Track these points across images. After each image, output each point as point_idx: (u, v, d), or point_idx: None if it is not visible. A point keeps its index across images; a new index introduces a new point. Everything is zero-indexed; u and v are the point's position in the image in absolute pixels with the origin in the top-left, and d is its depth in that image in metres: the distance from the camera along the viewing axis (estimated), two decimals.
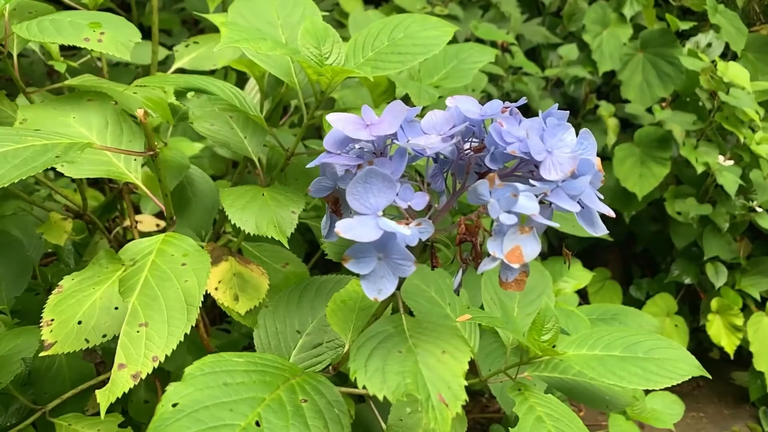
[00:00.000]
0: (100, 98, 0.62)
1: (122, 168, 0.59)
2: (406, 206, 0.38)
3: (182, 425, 0.37)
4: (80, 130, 0.59)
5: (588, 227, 0.42)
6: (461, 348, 0.41)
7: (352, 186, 0.37)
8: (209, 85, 0.62)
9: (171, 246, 0.54)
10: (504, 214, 0.37)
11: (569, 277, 1.10)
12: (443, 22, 0.67)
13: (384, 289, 0.38)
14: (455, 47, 0.93)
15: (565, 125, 0.41)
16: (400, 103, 0.42)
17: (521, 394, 0.74)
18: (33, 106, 0.61)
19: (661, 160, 1.37)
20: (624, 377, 0.70)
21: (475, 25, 1.29)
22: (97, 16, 0.60)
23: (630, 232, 1.57)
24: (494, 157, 0.42)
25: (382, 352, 0.40)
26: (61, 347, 0.56)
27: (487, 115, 0.43)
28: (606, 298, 1.52)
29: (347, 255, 0.37)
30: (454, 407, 0.38)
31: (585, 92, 1.52)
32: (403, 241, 0.37)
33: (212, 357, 0.42)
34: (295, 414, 0.41)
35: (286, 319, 0.63)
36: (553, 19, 1.63)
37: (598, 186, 0.44)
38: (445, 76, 0.89)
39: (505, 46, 1.36)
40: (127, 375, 0.48)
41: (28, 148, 0.46)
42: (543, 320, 0.75)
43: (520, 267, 0.40)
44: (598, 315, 1.08)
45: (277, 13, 0.67)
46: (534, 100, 1.38)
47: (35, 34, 0.58)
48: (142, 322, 0.49)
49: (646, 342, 0.75)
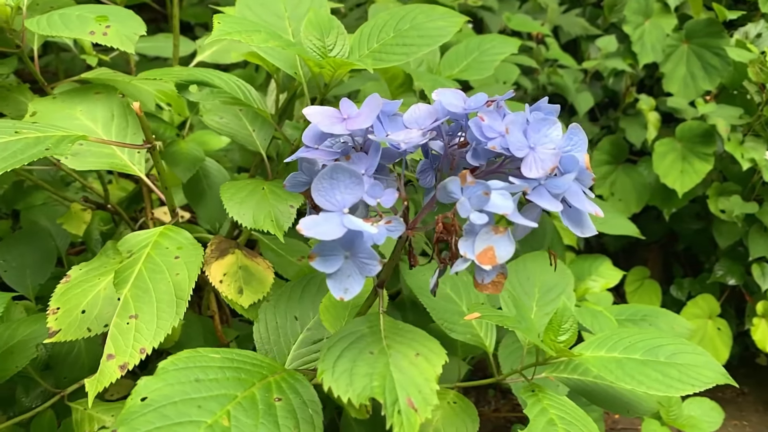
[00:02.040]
0: (108, 91, 0.63)
1: (126, 160, 0.60)
2: (374, 203, 0.37)
3: (147, 420, 0.37)
4: (86, 122, 0.60)
5: (574, 228, 0.40)
6: (436, 351, 0.40)
7: (318, 182, 0.36)
8: (214, 78, 0.62)
9: (167, 239, 0.55)
10: (475, 213, 0.36)
11: (598, 276, 1.07)
12: (452, 12, 0.65)
13: (350, 288, 0.36)
14: (477, 38, 0.90)
15: (551, 120, 0.39)
16: (377, 96, 0.41)
17: (534, 395, 0.72)
18: (43, 99, 0.62)
19: (703, 155, 1.31)
20: (643, 382, 0.67)
21: (508, 16, 1.26)
22: (105, 9, 0.61)
23: (671, 230, 1.51)
24: (476, 153, 0.41)
25: (353, 352, 0.39)
26: (65, 335, 0.58)
27: (471, 109, 0.41)
28: (644, 297, 1.47)
29: (313, 252, 0.36)
30: (424, 412, 0.37)
31: (626, 85, 1.47)
32: (371, 240, 0.36)
33: (188, 352, 0.42)
34: (266, 413, 0.40)
35: (287, 314, 0.62)
36: (594, 10, 1.58)
37: (588, 184, 0.42)
38: (465, 67, 0.87)
39: (540, 38, 1.32)
40: (115, 366, 0.48)
41: (20, 141, 0.47)
42: (560, 320, 0.73)
43: (496, 269, 0.38)
44: (628, 316, 1.05)
45: (284, 5, 0.67)
46: (570, 94, 1.33)
47: (44, 28, 0.59)
48: (132, 314, 0.50)
49: (669, 346, 0.72)
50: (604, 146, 1.43)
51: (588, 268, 1.06)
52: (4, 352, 0.68)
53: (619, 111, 1.47)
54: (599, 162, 1.42)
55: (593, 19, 1.58)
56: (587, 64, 1.37)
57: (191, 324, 0.89)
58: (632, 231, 1.03)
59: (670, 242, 1.56)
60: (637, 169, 1.43)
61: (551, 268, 0.90)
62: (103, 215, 1.01)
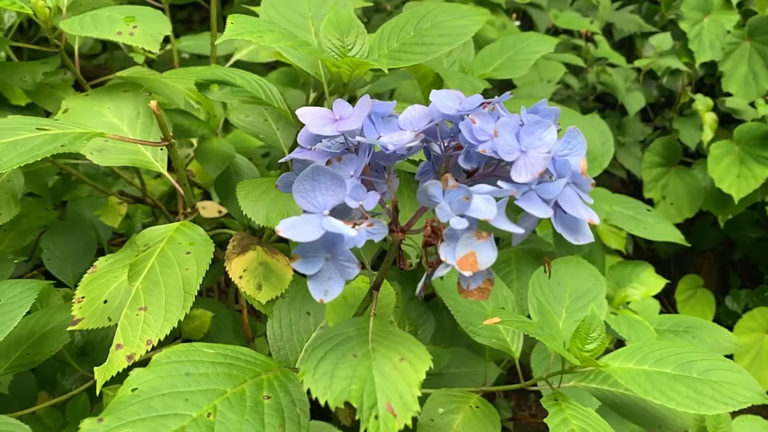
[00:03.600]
0: (135, 90, 0.65)
1: (149, 157, 0.62)
2: (357, 205, 0.37)
3: (134, 410, 0.38)
4: (112, 119, 0.62)
5: (568, 235, 0.39)
6: (421, 356, 0.39)
7: (299, 183, 0.36)
8: (236, 77, 0.63)
9: (181, 234, 0.56)
10: (456, 218, 0.35)
11: (639, 283, 1.03)
12: (475, 10, 0.64)
13: (330, 290, 0.36)
14: (513, 37, 0.89)
15: (546, 123, 0.38)
16: (367, 98, 0.40)
17: (557, 405, 0.70)
18: (75, 97, 0.65)
19: (763, 159, 1.24)
20: (673, 398, 0.65)
21: (555, 13, 1.23)
22: (134, 10, 0.63)
23: (728, 237, 1.44)
24: (469, 157, 0.40)
25: (336, 355, 0.39)
26: (87, 323, 0.60)
27: (465, 111, 0.40)
28: (696, 308, 1.41)
29: (295, 254, 0.36)
30: (403, 418, 0.36)
31: (682, 84, 1.41)
32: (351, 243, 0.36)
33: (183, 346, 0.43)
34: (253, 410, 0.40)
35: (301, 311, 0.63)
36: (652, 7, 1.52)
37: (587, 189, 0.40)
38: (499, 66, 0.86)
39: (589, 36, 1.28)
40: (122, 355, 0.50)
41: (40, 137, 0.49)
42: (588, 328, 0.71)
43: (482, 274, 0.37)
44: (670, 326, 1.01)
45: (308, 4, 0.67)
46: (619, 93, 1.29)
47: (76, 29, 0.62)
48: (142, 306, 0.51)
49: (704, 361, 0.69)
50: (656, 148, 1.38)
51: (629, 275, 1.03)
52: (39, 337, 0.71)
53: (673, 111, 1.41)
54: (650, 164, 1.37)
55: (650, 16, 1.52)
56: (639, 62, 1.32)
57: (222, 317, 0.91)
58: (676, 238, 0.99)
59: (726, 250, 1.49)
60: (691, 172, 1.37)
61: (585, 274, 0.88)
62: (145, 208, 1.05)
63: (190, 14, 1.73)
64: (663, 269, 1.56)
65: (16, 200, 0.73)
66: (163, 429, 0.37)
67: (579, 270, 0.87)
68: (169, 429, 0.37)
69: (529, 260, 1.05)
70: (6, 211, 0.71)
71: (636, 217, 1.01)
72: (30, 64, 0.75)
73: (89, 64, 1.56)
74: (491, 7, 1.29)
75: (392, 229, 0.40)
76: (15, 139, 0.48)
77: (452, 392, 0.78)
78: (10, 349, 0.71)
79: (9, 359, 0.71)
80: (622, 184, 1.59)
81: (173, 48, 1.03)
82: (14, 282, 0.67)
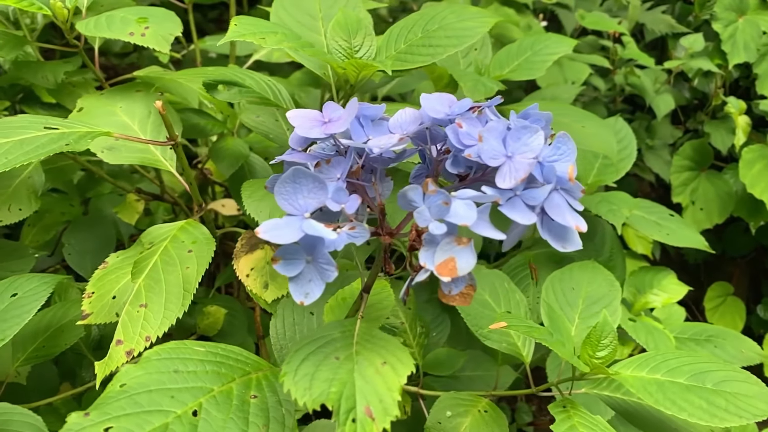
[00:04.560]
0: (148, 89, 0.66)
1: (158, 156, 0.63)
2: (338, 208, 0.37)
3: (119, 406, 0.39)
4: (124, 118, 0.63)
5: (554, 242, 0.38)
6: (404, 360, 0.39)
7: (281, 186, 0.36)
8: (245, 77, 0.64)
9: (185, 233, 0.57)
10: (434, 222, 0.35)
11: (660, 290, 1.00)
12: (483, 12, 0.63)
13: (311, 293, 0.37)
14: (531, 38, 0.87)
15: (533, 128, 0.37)
16: (355, 101, 0.40)
17: (565, 411, 0.69)
18: (91, 96, 0.66)
19: None
20: (685, 408, 0.63)
21: (581, 14, 1.21)
22: (147, 11, 0.64)
23: (760, 244, 1.40)
24: (456, 161, 0.40)
25: (318, 357, 0.39)
26: (95, 318, 0.61)
27: (454, 115, 0.40)
28: (725, 316, 1.37)
29: (277, 255, 0.37)
30: (382, 422, 0.36)
31: (715, 87, 1.37)
32: (332, 246, 0.36)
33: (174, 343, 0.44)
34: (239, 409, 0.41)
35: (305, 311, 0.63)
36: (685, 7, 1.48)
37: (577, 196, 0.40)
38: (516, 68, 0.85)
39: (617, 37, 1.26)
40: (122, 351, 0.51)
41: (46, 136, 0.50)
42: (599, 335, 0.70)
43: (464, 280, 0.37)
44: (691, 335, 0.98)
45: (319, 5, 0.68)
46: (648, 95, 1.26)
47: (90, 30, 0.63)
48: (143, 303, 0.52)
49: (719, 372, 0.67)
50: (686, 151, 1.34)
51: (650, 281, 1.01)
52: (56, 330, 0.73)
53: (705, 114, 1.37)
54: (680, 168, 1.34)
55: (684, 16, 1.49)
56: (669, 63, 1.29)
57: (236, 314, 0.92)
58: (700, 244, 0.97)
59: (759, 257, 1.45)
60: (722, 176, 1.34)
61: (600, 279, 0.86)
62: (166, 206, 1.07)
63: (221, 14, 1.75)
64: (692, 276, 1.52)
65: (36, 196, 0.75)
66: (146, 425, 0.38)
67: (594, 275, 0.85)
68: (153, 425, 0.38)
69: (548, 264, 1.03)
70: (26, 206, 0.73)
71: (658, 222, 0.99)
72: (52, 64, 0.77)
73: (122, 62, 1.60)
74: (517, 7, 1.28)
75: (378, 232, 0.40)
76: (22, 137, 0.49)
77: (461, 395, 0.78)
78: (27, 341, 0.73)
79: (26, 351, 0.73)
80: (651, 188, 1.56)
81: (196, 48, 1.05)
82: (31, 276, 0.69)
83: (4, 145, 0.48)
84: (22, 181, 0.75)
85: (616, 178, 1.00)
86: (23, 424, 0.63)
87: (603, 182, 1.00)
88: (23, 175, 0.75)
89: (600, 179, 1.01)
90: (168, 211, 1.04)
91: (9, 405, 0.64)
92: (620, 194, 0.95)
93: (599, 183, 1.01)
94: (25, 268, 0.78)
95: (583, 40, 1.32)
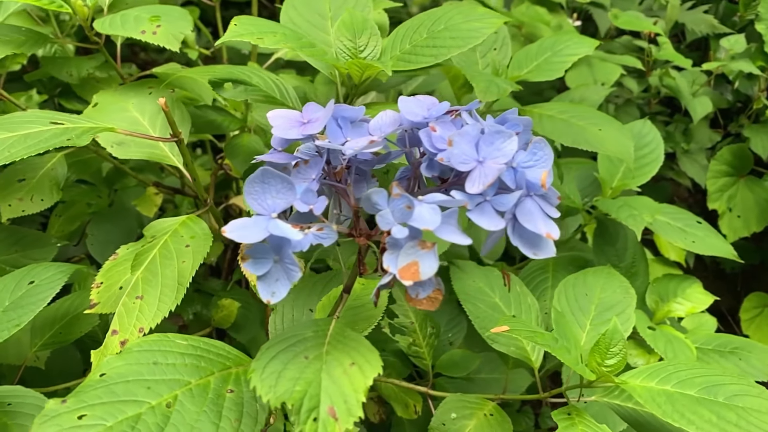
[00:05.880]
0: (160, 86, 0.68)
1: (166, 151, 0.64)
2: (306, 209, 0.37)
3: (96, 394, 0.40)
4: (135, 114, 0.65)
5: (525, 248, 0.37)
6: (372, 362, 0.39)
7: (249, 185, 0.37)
8: (253, 76, 0.65)
9: (185, 228, 0.58)
10: (397, 226, 0.35)
11: (684, 299, 0.97)
12: (491, 13, 0.62)
13: (277, 292, 0.37)
14: (552, 38, 0.86)
15: (507, 133, 0.37)
16: (331, 102, 0.41)
17: (570, 419, 0.69)
18: (106, 92, 0.68)
19: None
20: (693, 422, 0.62)
21: (615, 13, 1.18)
22: (160, 9, 0.66)
23: None
24: (431, 165, 0.39)
25: (288, 355, 0.39)
26: (102, 308, 0.63)
27: (432, 118, 0.40)
28: (762, 327, 1.32)
29: (246, 254, 0.37)
30: (345, 422, 0.37)
31: (758, 89, 1.32)
32: (299, 246, 0.36)
33: (156, 336, 0.45)
34: (213, 402, 0.42)
35: (304, 308, 0.64)
36: (730, 6, 1.43)
37: (554, 203, 0.39)
38: (534, 69, 0.83)
39: (652, 37, 1.22)
40: (116, 341, 0.52)
41: (50, 131, 0.52)
42: (609, 343, 0.69)
43: (431, 284, 0.36)
44: (715, 346, 0.95)
45: (329, 5, 0.68)
46: (683, 97, 1.23)
47: (105, 28, 0.65)
48: (139, 295, 0.54)
49: (732, 386, 0.65)
50: (724, 156, 1.29)
51: (674, 289, 0.97)
52: (72, 318, 0.76)
53: (746, 117, 1.32)
54: (717, 173, 1.30)
55: (728, 16, 1.43)
56: (708, 65, 1.25)
57: (250, 308, 0.94)
58: (727, 253, 0.93)
59: None
60: (762, 183, 1.29)
61: (614, 285, 0.85)
62: (190, 199, 1.09)
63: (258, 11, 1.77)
64: (729, 285, 1.47)
65: (58, 188, 0.77)
66: (119, 414, 0.39)
67: (609, 281, 0.84)
68: (126, 414, 0.39)
69: (568, 268, 1.01)
70: (48, 197, 0.76)
71: (684, 229, 0.96)
72: (77, 60, 0.80)
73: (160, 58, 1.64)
74: (550, 7, 1.26)
75: (353, 234, 0.40)
76: (28, 132, 0.51)
77: (467, 398, 0.77)
78: (45, 328, 0.75)
79: (44, 337, 0.75)
80: (689, 193, 1.51)
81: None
82: (48, 265, 0.71)
83: (9, 138, 0.50)
84: (45, 173, 0.77)
85: (641, 182, 0.97)
86: (35, 407, 0.65)
87: (627, 186, 0.98)
88: (47, 166, 0.78)
89: (624, 183, 0.98)
90: (192, 204, 1.07)
91: (22, 388, 0.66)
92: (643, 199, 0.93)
93: (623, 187, 0.98)
94: (47, 257, 0.81)
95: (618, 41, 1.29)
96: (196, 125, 0.84)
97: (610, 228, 0.99)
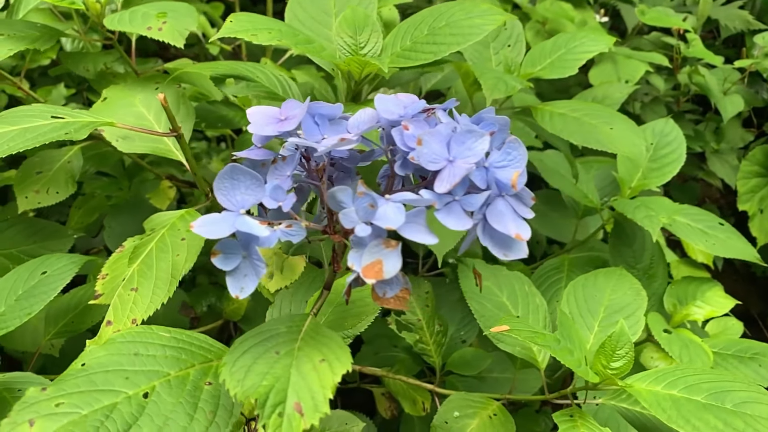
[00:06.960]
0: (171, 81, 0.69)
1: (170, 146, 0.65)
2: (276, 206, 0.37)
3: (75, 383, 0.41)
4: (140, 109, 0.66)
5: (496, 249, 0.37)
6: (342, 359, 0.39)
7: (219, 181, 0.37)
8: (256, 72, 0.65)
9: (183, 222, 0.59)
10: (361, 224, 0.34)
11: (704, 302, 0.94)
12: (493, 9, 0.61)
13: (246, 287, 0.37)
14: (567, 35, 0.84)
15: (478, 132, 0.36)
16: (307, 100, 0.40)
17: (571, 421, 0.68)
18: (115, 87, 0.70)
19: None
20: (699, 428, 0.60)
21: (642, 9, 1.15)
22: (167, 6, 0.67)
23: None
24: (405, 164, 0.39)
25: (259, 350, 0.40)
26: (106, 299, 0.64)
27: (408, 117, 0.39)
28: None
29: (216, 249, 0.37)
30: (311, 418, 0.37)
31: None
32: (267, 243, 0.36)
33: (140, 327, 0.46)
34: (190, 394, 0.42)
35: (302, 302, 0.64)
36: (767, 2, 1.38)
37: (529, 203, 0.38)
38: (547, 66, 0.82)
39: (681, 33, 1.18)
40: (110, 331, 0.53)
41: (49, 125, 0.53)
42: (615, 345, 0.68)
43: (398, 283, 0.36)
44: (735, 351, 0.92)
45: (334, 2, 0.68)
46: (713, 95, 1.19)
47: (114, 24, 0.67)
48: (134, 287, 0.55)
49: (741, 392, 0.64)
50: (756, 156, 1.25)
51: (693, 292, 0.95)
52: (84, 308, 0.78)
53: None
54: (748, 174, 1.25)
55: (765, 11, 1.38)
56: (740, 63, 1.21)
57: (260, 300, 0.94)
58: (749, 256, 0.90)
59: None
60: None
61: (625, 287, 0.83)
62: None
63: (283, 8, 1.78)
64: (760, 289, 1.42)
65: (73, 180, 0.79)
66: (95, 403, 0.40)
67: (620, 283, 0.82)
68: (102, 404, 0.40)
69: (584, 269, 1.00)
70: (63, 189, 0.78)
71: (705, 231, 0.93)
72: (93, 55, 0.81)
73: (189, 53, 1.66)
74: (575, 2, 1.24)
75: (326, 231, 0.40)
76: (28, 126, 0.53)
77: (472, 397, 0.77)
78: (59, 317, 0.77)
79: (57, 325, 0.78)
80: (720, 194, 1.47)
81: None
82: (61, 256, 0.73)
83: (9, 132, 0.52)
84: (61, 166, 0.80)
85: (661, 182, 0.95)
86: None
87: (647, 186, 0.96)
88: (63, 159, 0.80)
89: (644, 183, 0.96)
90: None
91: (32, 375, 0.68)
92: (661, 199, 0.90)
93: (643, 187, 0.96)
94: (63, 248, 0.84)
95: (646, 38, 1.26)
96: (209, 120, 0.85)
97: (627, 229, 0.96)
